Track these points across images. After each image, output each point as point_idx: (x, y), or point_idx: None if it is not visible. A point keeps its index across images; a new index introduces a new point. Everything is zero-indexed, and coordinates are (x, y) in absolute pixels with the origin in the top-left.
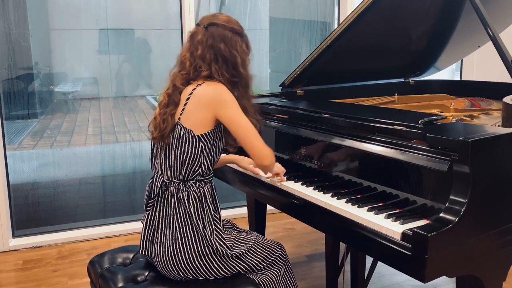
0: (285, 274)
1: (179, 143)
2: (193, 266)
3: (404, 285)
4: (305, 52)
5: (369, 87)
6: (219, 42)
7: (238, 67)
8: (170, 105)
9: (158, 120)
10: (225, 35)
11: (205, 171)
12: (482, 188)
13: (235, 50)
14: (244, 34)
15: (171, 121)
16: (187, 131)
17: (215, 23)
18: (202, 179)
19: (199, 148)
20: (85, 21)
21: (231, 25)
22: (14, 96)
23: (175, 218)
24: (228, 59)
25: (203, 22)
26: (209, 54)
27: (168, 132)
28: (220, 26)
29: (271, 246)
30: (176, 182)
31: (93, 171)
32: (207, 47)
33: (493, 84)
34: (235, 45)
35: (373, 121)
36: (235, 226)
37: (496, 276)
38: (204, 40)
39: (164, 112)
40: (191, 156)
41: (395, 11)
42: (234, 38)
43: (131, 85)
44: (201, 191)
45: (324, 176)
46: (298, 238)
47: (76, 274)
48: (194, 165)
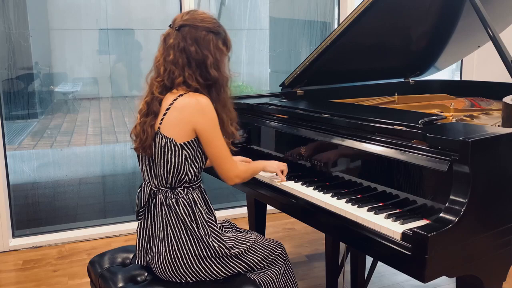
0: (285, 273)
1: (162, 153)
2: (193, 270)
3: (404, 285)
4: (305, 52)
5: (369, 87)
6: (191, 44)
7: (208, 68)
8: (149, 114)
9: (139, 130)
10: (197, 36)
11: (192, 178)
12: (482, 188)
13: (207, 50)
14: (220, 31)
15: (151, 132)
16: (169, 140)
17: (186, 24)
18: (189, 185)
19: (183, 156)
20: (85, 21)
21: (204, 24)
22: (14, 96)
23: (168, 225)
24: (200, 62)
25: (175, 23)
26: (182, 59)
27: (149, 143)
28: (192, 26)
29: (271, 246)
30: (164, 190)
31: (93, 171)
32: (178, 51)
33: (493, 84)
34: (207, 45)
35: (373, 121)
36: (235, 226)
37: (496, 276)
38: (176, 44)
39: (144, 121)
40: (175, 165)
41: (395, 11)
42: (207, 38)
43: (131, 85)
44: (189, 197)
45: (324, 176)
46: (298, 238)
47: (76, 274)
48: (180, 173)
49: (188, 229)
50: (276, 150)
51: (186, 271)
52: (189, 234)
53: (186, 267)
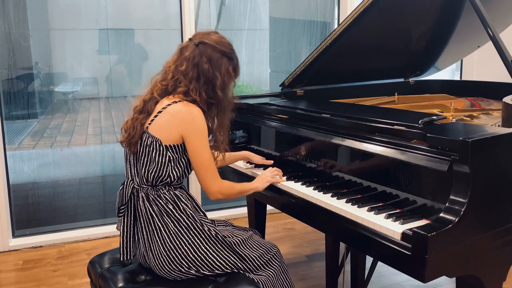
0: (281, 275)
1: (146, 151)
2: (190, 260)
3: (404, 285)
4: (305, 52)
5: (369, 87)
6: (205, 62)
7: (216, 88)
8: (143, 112)
9: (130, 125)
10: (212, 56)
11: (175, 180)
12: (482, 188)
13: (219, 72)
14: (234, 58)
15: (140, 129)
16: (155, 139)
17: (206, 42)
18: (171, 185)
19: (167, 157)
20: (85, 21)
21: (221, 47)
22: (14, 96)
23: (155, 220)
24: (210, 81)
25: (195, 38)
26: (192, 72)
27: (135, 140)
28: (209, 46)
29: (266, 245)
30: (145, 188)
31: (93, 171)
32: (191, 65)
33: (493, 84)
34: (219, 67)
35: (373, 121)
36: (231, 224)
37: (496, 276)
38: (191, 58)
39: (136, 118)
40: (159, 165)
41: (395, 11)
42: (220, 60)
43: (131, 85)
44: (172, 194)
45: (324, 176)
46: (298, 238)
47: (76, 274)
48: (162, 174)
49: (176, 220)
50: (276, 150)
51: (183, 261)
52: (177, 225)
53: (183, 256)
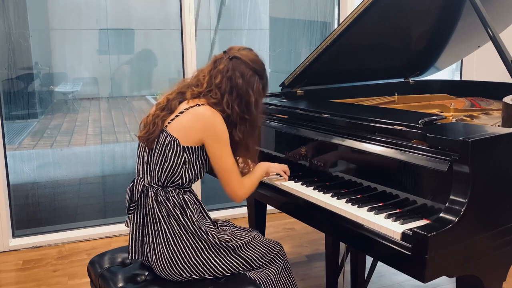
0: (283, 273)
1: (162, 150)
2: (191, 264)
3: (404, 285)
4: (305, 52)
5: (369, 87)
6: (238, 77)
7: (251, 107)
8: (165, 109)
9: (150, 120)
10: (245, 72)
11: (186, 183)
12: (482, 188)
13: (251, 89)
14: (264, 77)
15: (160, 126)
16: (173, 139)
17: (240, 58)
18: (181, 187)
19: (183, 159)
20: (85, 21)
21: (253, 65)
22: (14, 96)
23: (162, 221)
24: (243, 96)
25: (230, 52)
26: (225, 85)
27: (154, 136)
28: (243, 62)
29: (270, 244)
30: (155, 187)
31: (93, 171)
32: (226, 78)
33: (493, 84)
34: (252, 85)
35: (373, 121)
36: (233, 225)
37: (496, 276)
38: (225, 71)
39: (158, 115)
40: (173, 165)
41: (395, 11)
42: (252, 78)
43: (131, 85)
44: (181, 197)
45: (324, 176)
46: (298, 238)
47: (76, 274)
48: (175, 175)
49: (182, 225)
50: (276, 150)
51: (185, 265)
52: (183, 229)
53: (184, 261)
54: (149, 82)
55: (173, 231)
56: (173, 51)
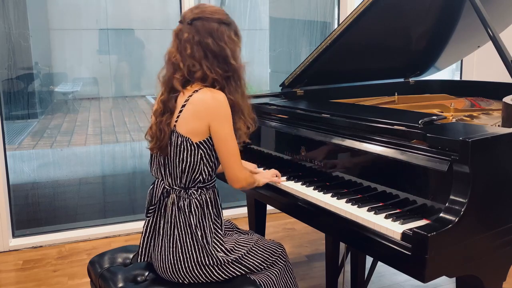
0: (285, 274)
1: (177, 152)
2: (194, 274)
3: (404, 285)
4: (305, 52)
5: (369, 87)
6: (206, 37)
7: (229, 59)
8: (165, 113)
9: (154, 130)
10: (211, 27)
11: (206, 177)
12: (482, 188)
13: (223, 42)
14: (231, 22)
15: (168, 130)
16: (185, 139)
17: (199, 17)
18: (204, 186)
19: (199, 156)
20: (85, 21)
21: (215, 16)
22: (14, 96)
23: (176, 227)
24: (218, 53)
25: (187, 17)
26: (198, 52)
27: (165, 142)
28: (204, 19)
29: (272, 247)
30: (178, 190)
31: (93, 171)
32: (195, 45)
33: (493, 84)
34: (222, 37)
35: (373, 121)
36: (236, 227)
37: (496, 276)
38: (191, 38)
39: (160, 121)
40: (191, 164)
41: (395, 11)
42: (220, 29)
43: (131, 85)
44: (203, 198)
45: (324, 176)
46: (298, 238)
47: (76, 274)
48: (194, 173)
49: (194, 236)
50: (276, 150)
51: (187, 274)
52: (194, 241)
53: (187, 270)
54: (149, 82)
55: (184, 240)
56: None
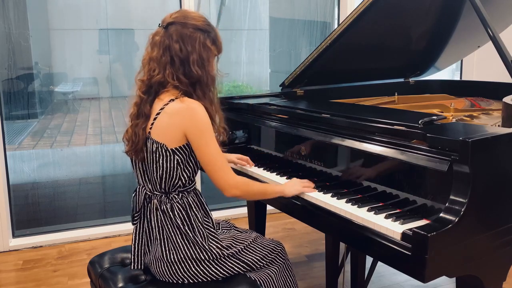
0: (284, 272)
1: (153, 158)
2: (191, 273)
3: (404, 285)
4: (305, 52)
5: (369, 87)
6: (176, 41)
7: (192, 66)
8: (140, 117)
9: (130, 133)
10: (183, 33)
11: (187, 182)
12: (482, 188)
13: (192, 47)
14: (210, 30)
15: (142, 135)
16: (160, 145)
17: (174, 22)
18: (184, 189)
19: (175, 161)
20: (85, 21)
21: (192, 22)
22: (14, 96)
23: (164, 230)
24: (183, 59)
25: (164, 21)
26: (165, 57)
27: (140, 147)
28: (180, 24)
29: (270, 245)
30: (158, 195)
31: (93, 171)
32: (163, 49)
33: (493, 84)
34: (193, 43)
35: (373, 121)
36: (233, 226)
37: (496, 276)
38: (162, 41)
39: (136, 124)
40: (168, 170)
41: (395, 11)
42: (194, 35)
43: (131, 85)
44: (184, 201)
45: (324, 176)
46: (298, 238)
47: (76, 274)
48: (173, 178)
49: (184, 234)
50: (276, 150)
51: (184, 274)
52: (185, 239)
53: (184, 270)
54: None
55: (175, 240)
56: None
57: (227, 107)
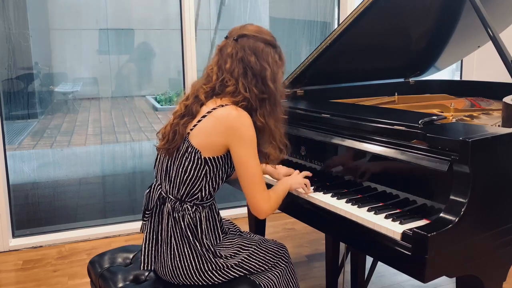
0: (287, 275)
1: (182, 160)
2: (194, 280)
3: (404, 285)
4: (305, 52)
5: (369, 87)
6: (250, 54)
7: (267, 81)
8: (186, 116)
9: (168, 130)
10: (256, 46)
11: (205, 196)
12: (482, 188)
13: (266, 62)
14: (277, 45)
15: (182, 133)
16: (194, 150)
17: (245, 34)
18: (200, 203)
19: (203, 171)
20: (85, 21)
21: (262, 36)
22: (14, 96)
23: (173, 236)
24: (258, 73)
25: (233, 34)
26: (238, 68)
27: (176, 144)
28: (251, 37)
29: (274, 249)
30: (173, 200)
31: (93, 171)
32: (236, 60)
33: (493, 84)
34: (266, 57)
35: (373, 121)
36: (239, 230)
37: (496, 276)
38: (234, 53)
39: (177, 123)
40: (193, 178)
41: (395, 11)
42: (266, 50)
43: (131, 85)
44: (197, 215)
45: (324, 176)
46: (298, 238)
47: (76, 274)
48: (194, 187)
49: (192, 246)
50: None
51: (188, 280)
52: (192, 250)
53: (188, 277)
54: (149, 82)
55: (181, 249)
56: (173, 51)
57: None
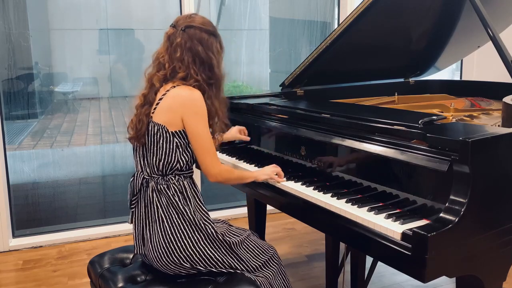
0: (279, 276)
1: (154, 140)
2: (187, 254)
3: (404, 285)
4: (305, 52)
5: (369, 87)
6: (197, 44)
7: (214, 69)
8: (145, 105)
9: (135, 121)
10: (202, 37)
11: (184, 166)
12: (482, 188)
13: (211, 51)
14: (218, 35)
15: (146, 120)
16: (160, 127)
17: (192, 25)
18: (181, 173)
19: (174, 144)
20: (85, 21)
21: (206, 27)
22: (14, 96)
23: (160, 210)
24: (205, 61)
25: (180, 24)
26: (188, 57)
27: (143, 132)
28: (197, 28)
29: (264, 246)
30: (156, 177)
31: (93, 171)
32: (186, 50)
33: (493, 84)
34: (211, 47)
35: (373, 121)
36: (228, 224)
37: (496, 276)
38: (183, 43)
39: (140, 112)
40: (167, 150)
41: (395, 11)
42: (210, 40)
43: (131, 85)
44: (181, 183)
45: (324, 176)
46: (298, 238)
47: (76, 274)
48: (171, 159)
49: (180, 213)
50: (276, 150)
51: (181, 255)
52: (181, 218)
53: (180, 250)
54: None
55: (171, 220)
56: None
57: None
